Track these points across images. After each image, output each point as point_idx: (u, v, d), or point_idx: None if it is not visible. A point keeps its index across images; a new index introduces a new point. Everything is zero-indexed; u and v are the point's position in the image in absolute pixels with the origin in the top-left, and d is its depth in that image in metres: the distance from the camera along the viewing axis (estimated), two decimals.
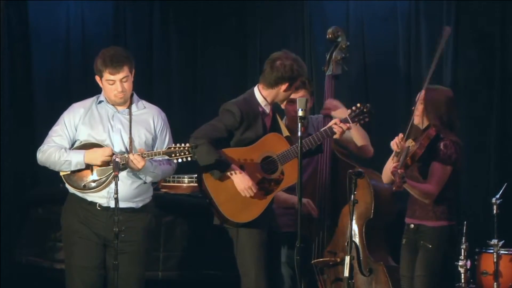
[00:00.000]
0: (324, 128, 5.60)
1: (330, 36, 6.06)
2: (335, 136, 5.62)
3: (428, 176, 5.38)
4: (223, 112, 5.61)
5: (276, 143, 5.60)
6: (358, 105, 5.63)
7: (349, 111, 5.66)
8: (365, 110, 5.60)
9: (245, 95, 5.69)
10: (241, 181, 5.47)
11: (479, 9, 7.04)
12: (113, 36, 7.74)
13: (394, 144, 5.31)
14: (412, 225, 5.47)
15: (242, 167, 5.54)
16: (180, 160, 5.29)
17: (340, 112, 5.86)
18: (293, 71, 5.57)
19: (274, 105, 5.77)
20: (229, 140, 5.59)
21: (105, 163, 5.28)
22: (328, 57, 6.06)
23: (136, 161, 5.24)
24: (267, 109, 5.66)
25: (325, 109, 6.00)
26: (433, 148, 5.35)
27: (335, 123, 5.57)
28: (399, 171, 5.16)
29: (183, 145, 5.28)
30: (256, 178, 5.54)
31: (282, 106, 5.98)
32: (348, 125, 5.58)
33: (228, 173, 5.48)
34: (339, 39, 6.06)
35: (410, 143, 5.29)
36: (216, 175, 5.49)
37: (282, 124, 5.76)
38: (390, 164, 5.33)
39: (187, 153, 5.26)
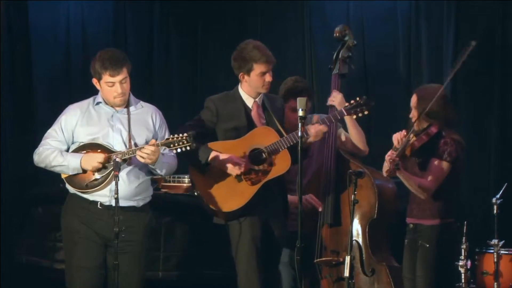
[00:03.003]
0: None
1: (337, 34, 6.01)
2: (309, 140, 5.58)
3: (426, 172, 5.39)
4: (204, 108, 5.70)
5: (265, 135, 5.60)
6: (357, 98, 5.61)
7: (346, 104, 5.66)
8: (361, 102, 5.57)
9: (230, 90, 5.76)
10: (226, 162, 5.48)
11: (479, 9, 7.04)
12: (113, 36, 7.75)
13: (396, 139, 5.32)
14: (411, 225, 5.49)
15: None
16: (179, 150, 5.28)
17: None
18: (240, 56, 5.62)
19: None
20: (215, 133, 5.64)
21: (97, 169, 5.28)
22: (335, 55, 6.01)
23: (153, 152, 5.23)
24: (249, 103, 5.67)
25: (330, 101, 5.95)
26: (435, 146, 5.36)
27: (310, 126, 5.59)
28: (394, 158, 5.19)
29: (181, 135, 5.27)
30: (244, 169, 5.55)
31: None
32: (322, 126, 5.58)
33: (212, 161, 5.49)
34: (346, 38, 6.01)
35: (411, 137, 5.32)
36: (202, 167, 5.51)
37: (276, 120, 5.73)
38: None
39: (185, 142, 5.25)
